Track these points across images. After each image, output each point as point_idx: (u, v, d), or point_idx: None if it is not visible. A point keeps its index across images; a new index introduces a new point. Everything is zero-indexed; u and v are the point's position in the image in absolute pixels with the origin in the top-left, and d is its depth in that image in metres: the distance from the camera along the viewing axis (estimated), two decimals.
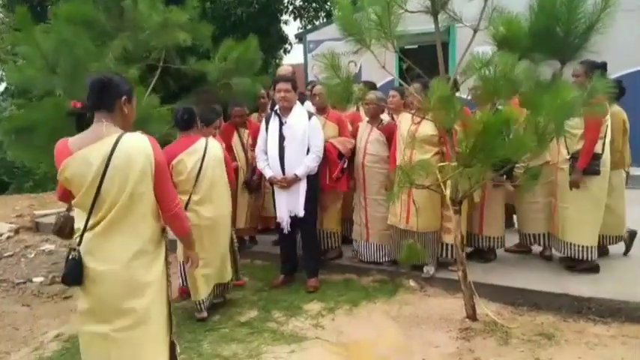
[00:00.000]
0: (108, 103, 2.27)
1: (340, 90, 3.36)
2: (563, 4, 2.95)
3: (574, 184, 4.12)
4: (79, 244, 2.28)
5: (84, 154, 2.20)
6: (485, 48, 3.23)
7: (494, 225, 4.57)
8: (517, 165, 4.15)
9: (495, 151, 2.69)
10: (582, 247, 4.21)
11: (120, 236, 2.27)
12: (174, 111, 4.28)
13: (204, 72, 5.62)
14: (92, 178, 2.19)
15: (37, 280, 5.10)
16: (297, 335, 3.71)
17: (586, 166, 4.05)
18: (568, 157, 4.19)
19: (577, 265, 4.32)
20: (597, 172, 4.10)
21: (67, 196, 2.37)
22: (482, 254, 4.70)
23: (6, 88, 12.42)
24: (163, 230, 2.48)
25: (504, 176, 4.23)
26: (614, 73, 4.18)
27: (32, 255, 5.95)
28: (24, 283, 5.05)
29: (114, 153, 2.20)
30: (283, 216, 4.43)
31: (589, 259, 4.21)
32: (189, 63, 5.77)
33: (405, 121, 4.38)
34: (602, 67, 3.92)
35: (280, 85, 4.31)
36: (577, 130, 3.98)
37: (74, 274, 2.27)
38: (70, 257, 2.28)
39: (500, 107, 3.39)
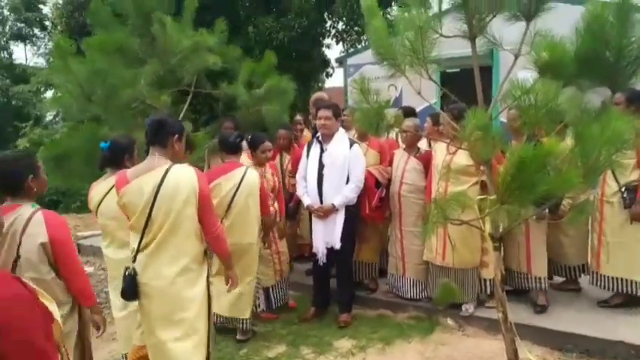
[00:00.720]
0: (162, 140, 2.65)
1: (371, 116, 3.20)
2: (614, 26, 2.69)
3: (637, 217, 3.85)
4: (134, 261, 2.63)
5: (138, 182, 2.58)
6: (527, 73, 3.02)
7: (540, 263, 4.12)
8: (563, 201, 3.88)
9: (535, 188, 2.45)
10: (633, 282, 3.95)
11: (167, 255, 2.59)
12: (219, 134, 4.30)
13: (235, 97, 5.60)
14: (144, 203, 2.55)
15: None
16: None
17: None
18: (618, 189, 3.91)
19: (611, 300, 4.16)
20: None
21: None
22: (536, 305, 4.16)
23: (58, 112, 12.98)
24: (205, 252, 2.77)
25: (547, 210, 3.86)
26: None
27: None
28: None
29: (163, 182, 2.55)
30: (319, 246, 4.28)
31: (635, 293, 3.98)
32: (221, 87, 5.76)
33: (440, 151, 4.17)
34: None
35: (321, 112, 4.19)
36: (628, 160, 3.70)
37: (131, 288, 2.62)
38: (127, 274, 2.63)
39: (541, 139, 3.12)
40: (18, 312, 1.38)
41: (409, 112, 5.02)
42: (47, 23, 18.02)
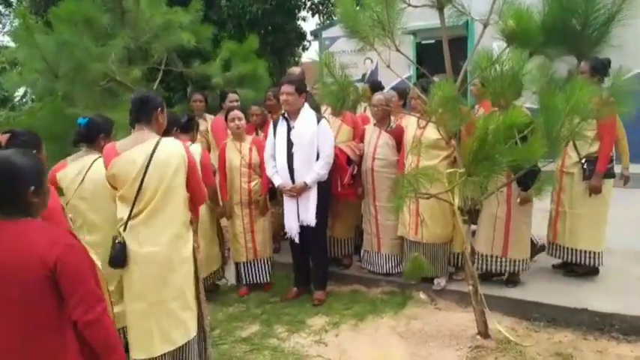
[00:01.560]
0: (147, 115, 2.78)
1: (336, 91, 3.13)
2: None
3: (596, 190, 3.87)
4: (124, 230, 2.70)
5: (129, 154, 2.68)
6: (501, 43, 2.97)
7: (519, 246, 3.96)
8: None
9: (500, 159, 2.42)
10: (594, 253, 4.03)
11: (160, 222, 2.71)
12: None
13: (209, 76, 5.47)
14: (136, 173, 2.65)
15: None
16: (299, 353, 3.52)
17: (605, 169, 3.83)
18: (578, 160, 3.94)
19: (578, 269, 4.17)
20: (614, 175, 3.95)
21: None
22: (507, 278, 4.10)
23: (26, 92, 12.59)
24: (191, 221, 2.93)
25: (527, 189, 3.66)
26: (636, 68, 3.84)
27: None
28: None
29: (154, 153, 2.67)
30: (292, 226, 4.21)
31: (598, 264, 4.07)
32: (193, 66, 5.62)
33: (410, 126, 4.12)
34: (607, 63, 3.60)
35: (283, 88, 4.07)
36: (589, 132, 3.65)
37: (121, 257, 2.69)
38: (117, 242, 2.69)
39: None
40: (74, 256, 1.76)
41: (376, 86, 4.95)
42: (12, 0, 17.32)
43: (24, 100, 13.43)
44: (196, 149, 3.78)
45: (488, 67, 2.61)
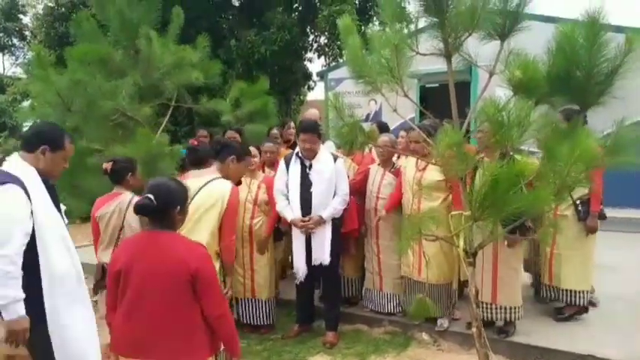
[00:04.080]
0: (222, 157, 3.40)
1: (345, 133, 3.21)
2: (584, 47, 2.74)
3: (592, 230, 4.00)
4: None
5: (193, 180, 3.24)
6: (505, 91, 3.06)
7: (509, 293, 3.88)
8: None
9: (508, 205, 2.47)
10: (584, 292, 4.13)
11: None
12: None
13: (217, 112, 5.58)
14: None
15: None
16: None
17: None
18: (571, 202, 4.02)
19: (566, 311, 4.24)
20: (605, 217, 4.10)
21: None
22: (499, 327, 4.01)
23: (34, 122, 12.77)
24: (218, 254, 3.28)
25: (516, 232, 3.66)
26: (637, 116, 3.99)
27: None
28: None
29: (203, 187, 3.21)
30: (300, 266, 4.19)
31: (584, 304, 4.18)
32: (202, 102, 5.74)
33: (409, 167, 4.20)
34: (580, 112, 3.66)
35: (305, 137, 4.11)
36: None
37: None
38: None
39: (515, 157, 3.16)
40: (206, 263, 2.26)
41: (382, 128, 5.05)
42: (27, 33, 17.79)
43: None
44: None
45: (495, 114, 2.68)
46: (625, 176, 2.77)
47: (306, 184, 4.13)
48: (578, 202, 3.99)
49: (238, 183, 3.73)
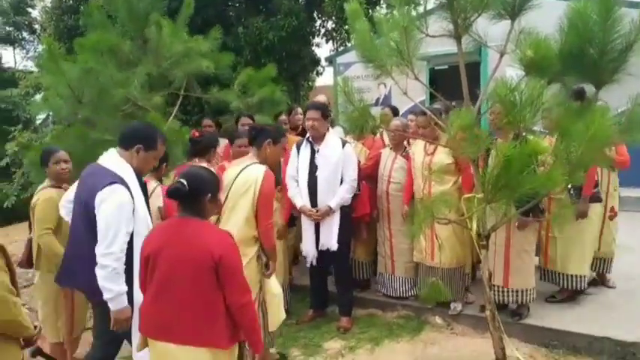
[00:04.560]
0: (258, 143, 3.36)
1: (355, 118, 3.20)
2: (597, 23, 2.69)
3: (582, 214, 3.93)
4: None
5: (228, 171, 3.37)
6: (515, 70, 3.01)
7: (521, 276, 3.84)
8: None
9: (521, 186, 2.45)
10: (581, 277, 4.09)
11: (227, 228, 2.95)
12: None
13: (226, 102, 5.58)
14: (225, 187, 3.20)
15: None
16: None
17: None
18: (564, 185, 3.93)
19: (558, 295, 4.22)
20: (600, 200, 4.06)
21: None
22: (512, 310, 4.00)
23: (48, 114, 12.85)
24: (256, 239, 3.30)
25: (529, 214, 3.62)
26: None
27: None
28: None
29: (239, 174, 3.25)
30: (309, 250, 4.20)
31: (583, 288, 4.14)
32: (212, 92, 5.74)
33: (418, 152, 4.17)
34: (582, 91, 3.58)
35: (309, 114, 4.13)
36: None
37: None
38: None
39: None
40: (231, 252, 2.27)
41: (393, 112, 5.02)
42: (36, 27, 17.86)
43: (46, 122, 13.72)
44: None
45: (508, 94, 2.64)
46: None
47: (312, 169, 4.13)
48: (569, 185, 3.85)
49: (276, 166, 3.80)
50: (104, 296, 2.54)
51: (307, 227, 4.21)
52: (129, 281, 2.61)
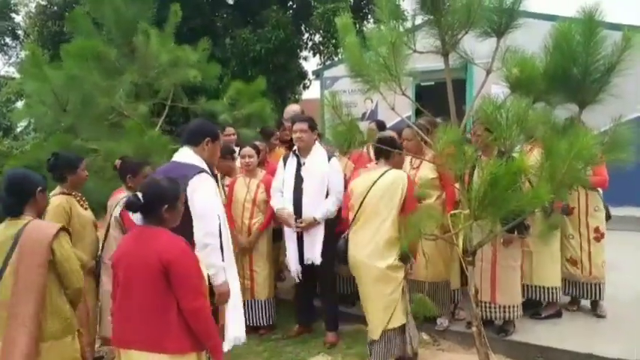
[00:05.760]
0: (387, 154, 3.60)
1: (343, 132, 3.20)
2: (580, 44, 2.74)
3: (555, 226, 3.93)
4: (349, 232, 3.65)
5: (364, 176, 3.64)
6: (500, 88, 3.05)
7: (508, 292, 3.88)
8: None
9: (507, 203, 2.46)
10: (556, 289, 4.18)
11: (364, 233, 3.53)
12: None
13: (213, 112, 5.56)
14: (362, 191, 3.54)
15: None
16: None
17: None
18: None
19: (543, 312, 4.26)
20: (571, 212, 4.13)
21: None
22: (499, 326, 4.03)
23: (29, 122, 12.68)
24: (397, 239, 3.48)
25: (514, 232, 3.69)
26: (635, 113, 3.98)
27: None
28: None
29: (379, 179, 3.50)
30: (292, 265, 4.19)
31: (557, 300, 4.20)
32: (199, 102, 5.71)
33: (404, 166, 4.19)
34: None
35: (297, 126, 4.13)
36: None
37: (342, 251, 3.68)
38: (343, 238, 3.69)
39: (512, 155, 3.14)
40: (181, 256, 2.31)
41: (381, 126, 5.04)
42: (19, 32, 17.67)
43: (27, 130, 13.52)
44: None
45: (494, 111, 2.67)
46: (625, 174, 2.78)
47: (298, 182, 4.12)
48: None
49: None
50: (210, 272, 2.73)
51: (290, 242, 4.19)
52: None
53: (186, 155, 3.06)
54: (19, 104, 13.80)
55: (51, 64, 5.03)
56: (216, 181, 3.21)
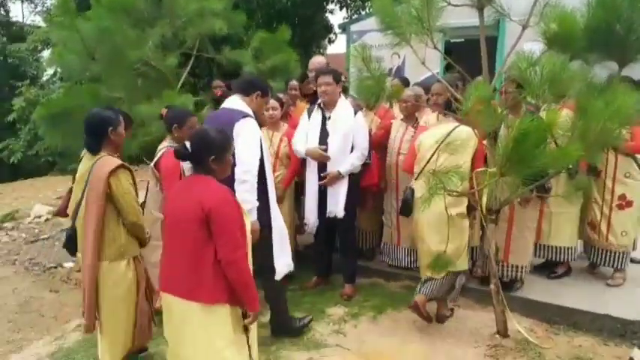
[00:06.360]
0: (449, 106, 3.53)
1: (372, 86, 3.16)
2: None
3: (582, 186, 3.95)
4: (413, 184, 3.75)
5: (434, 131, 3.66)
6: (534, 45, 2.96)
7: (520, 252, 3.91)
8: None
9: (535, 161, 2.43)
10: (573, 249, 4.21)
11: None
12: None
13: (239, 63, 5.51)
14: (432, 144, 3.58)
15: (68, 265, 5.15)
16: (318, 342, 3.58)
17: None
18: None
19: (558, 270, 4.30)
20: (598, 175, 4.07)
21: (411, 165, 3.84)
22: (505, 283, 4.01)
23: (55, 71, 12.76)
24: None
25: (533, 192, 3.61)
26: None
27: None
28: (55, 267, 5.11)
29: (451, 133, 3.47)
30: (310, 216, 4.20)
31: (573, 259, 4.25)
32: (224, 52, 5.66)
33: (431, 122, 4.13)
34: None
35: (321, 79, 4.05)
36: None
37: (409, 202, 3.74)
38: (409, 189, 3.77)
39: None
40: (223, 205, 2.30)
41: (405, 83, 4.95)
42: None
43: (53, 79, 13.63)
44: None
45: (528, 68, 2.60)
46: None
47: (323, 136, 4.09)
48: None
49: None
50: (246, 207, 2.76)
51: (310, 193, 4.18)
52: (266, 206, 3.23)
53: (235, 102, 3.30)
54: (46, 53, 13.88)
55: (79, 14, 5.02)
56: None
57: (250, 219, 2.82)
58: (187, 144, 2.40)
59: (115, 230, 2.82)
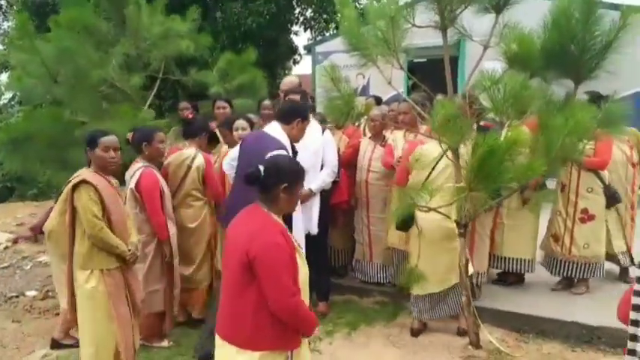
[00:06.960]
0: None
1: (341, 105, 3.23)
2: (579, 21, 2.80)
3: (525, 201, 4.11)
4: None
5: (434, 145, 3.42)
6: (495, 64, 3.09)
7: (479, 259, 4.04)
8: None
9: (502, 176, 2.53)
10: (528, 261, 4.31)
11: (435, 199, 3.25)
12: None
13: (205, 85, 5.52)
14: (436, 156, 3.45)
15: (30, 294, 4.95)
16: None
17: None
18: None
19: (507, 279, 4.48)
20: (543, 186, 4.18)
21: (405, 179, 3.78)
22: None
23: (14, 95, 12.43)
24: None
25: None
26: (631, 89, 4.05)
27: (28, 267, 5.77)
28: (17, 297, 4.90)
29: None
30: (300, 237, 4.21)
31: (529, 271, 4.36)
32: (190, 74, 5.66)
33: (398, 140, 4.24)
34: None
35: (291, 98, 4.13)
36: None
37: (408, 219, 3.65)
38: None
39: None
40: (267, 253, 2.03)
41: (377, 101, 5.07)
42: (2, 2, 17.15)
43: (11, 103, 13.26)
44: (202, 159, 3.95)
45: (491, 87, 2.72)
46: None
47: (292, 155, 4.12)
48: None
49: None
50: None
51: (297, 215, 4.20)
52: None
53: (274, 130, 3.50)
54: (3, 77, 13.50)
55: (38, 36, 4.93)
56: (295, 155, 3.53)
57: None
58: (260, 167, 2.18)
59: (80, 240, 2.96)
